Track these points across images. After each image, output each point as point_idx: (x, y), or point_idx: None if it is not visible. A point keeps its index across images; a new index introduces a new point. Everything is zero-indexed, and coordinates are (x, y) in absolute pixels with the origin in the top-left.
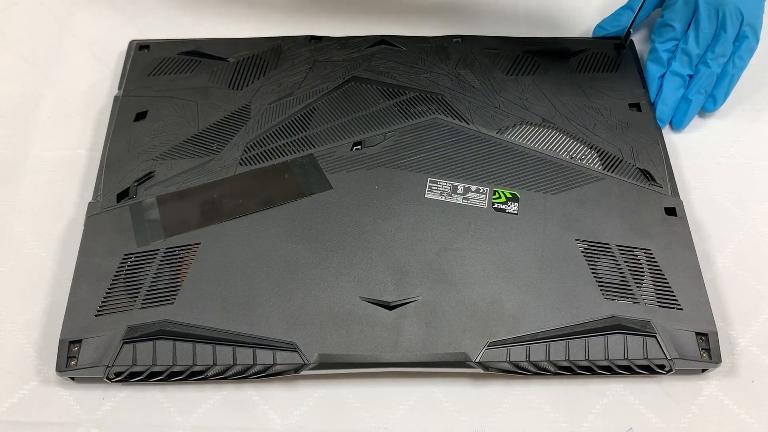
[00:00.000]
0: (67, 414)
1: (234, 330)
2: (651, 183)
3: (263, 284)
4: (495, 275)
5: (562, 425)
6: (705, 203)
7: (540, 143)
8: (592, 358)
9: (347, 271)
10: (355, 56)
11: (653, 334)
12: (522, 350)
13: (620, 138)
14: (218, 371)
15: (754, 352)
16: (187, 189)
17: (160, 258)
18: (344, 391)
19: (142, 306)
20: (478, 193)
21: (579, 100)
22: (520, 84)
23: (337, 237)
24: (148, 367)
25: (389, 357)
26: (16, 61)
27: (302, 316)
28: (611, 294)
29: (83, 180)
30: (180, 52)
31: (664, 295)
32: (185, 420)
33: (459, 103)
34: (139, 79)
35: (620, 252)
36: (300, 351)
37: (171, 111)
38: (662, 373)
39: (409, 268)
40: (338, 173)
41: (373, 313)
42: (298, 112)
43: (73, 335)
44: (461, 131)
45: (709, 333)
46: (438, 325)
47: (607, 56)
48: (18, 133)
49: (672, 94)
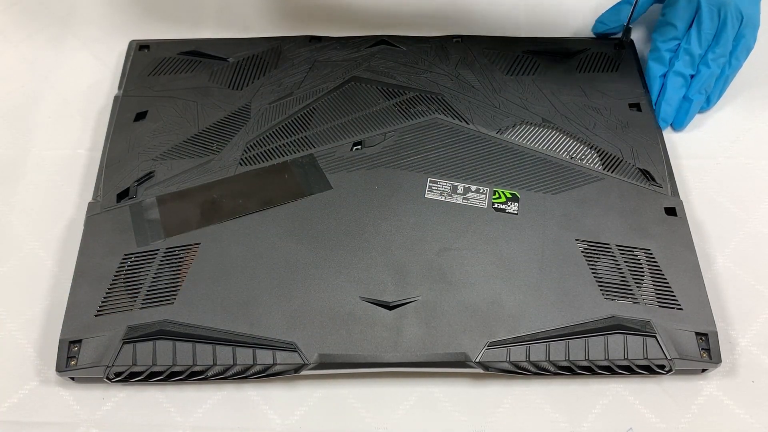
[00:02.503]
0: (67, 414)
1: (234, 330)
2: (651, 183)
3: (263, 284)
4: (495, 275)
5: (562, 425)
6: (705, 203)
7: (540, 143)
8: (592, 358)
9: (347, 271)
10: (355, 56)
11: (653, 334)
12: (522, 350)
13: (620, 138)
14: (218, 371)
15: (754, 352)
16: (187, 189)
17: (160, 258)
18: (344, 391)
19: (142, 306)
20: (478, 193)
21: (579, 100)
22: (520, 84)
23: (337, 237)
24: (148, 367)
25: (389, 357)
26: (16, 61)
27: (302, 316)
28: (611, 294)
29: (83, 180)
30: (180, 52)
31: (664, 295)
32: (185, 420)
33: (459, 103)
34: (139, 79)
35: (620, 252)
36: (300, 351)
37: (171, 111)
38: (662, 373)
39: (409, 268)
40: (338, 173)
41: (373, 313)
42: (298, 112)
43: (73, 335)
44: (461, 131)
45: (709, 333)
46: (438, 325)
47: (607, 56)
48: (18, 133)
49: (675, 94)
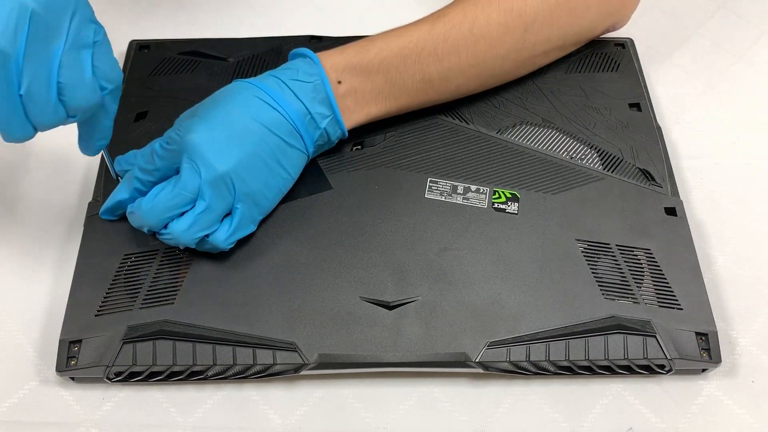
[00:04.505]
0: (67, 414)
1: (234, 330)
2: (651, 183)
3: (263, 284)
4: (495, 275)
5: (562, 425)
6: (705, 203)
7: (540, 143)
8: (592, 358)
9: (347, 271)
10: None
11: (653, 334)
12: (522, 350)
13: (620, 138)
14: (218, 371)
15: (754, 352)
16: None
17: (160, 258)
18: (344, 391)
19: (142, 306)
20: (478, 193)
21: (579, 100)
22: (520, 84)
23: (337, 237)
24: (148, 367)
25: (389, 357)
26: None
27: (302, 316)
28: (611, 294)
29: (83, 180)
30: (180, 52)
31: (664, 295)
32: (185, 420)
33: (459, 103)
34: (139, 79)
35: (620, 252)
36: (300, 351)
37: (171, 111)
38: (662, 373)
39: (409, 268)
40: (338, 173)
41: (373, 313)
42: None
43: (73, 335)
44: (461, 131)
45: (709, 333)
46: (438, 325)
47: (607, 56)
48: None
49: None
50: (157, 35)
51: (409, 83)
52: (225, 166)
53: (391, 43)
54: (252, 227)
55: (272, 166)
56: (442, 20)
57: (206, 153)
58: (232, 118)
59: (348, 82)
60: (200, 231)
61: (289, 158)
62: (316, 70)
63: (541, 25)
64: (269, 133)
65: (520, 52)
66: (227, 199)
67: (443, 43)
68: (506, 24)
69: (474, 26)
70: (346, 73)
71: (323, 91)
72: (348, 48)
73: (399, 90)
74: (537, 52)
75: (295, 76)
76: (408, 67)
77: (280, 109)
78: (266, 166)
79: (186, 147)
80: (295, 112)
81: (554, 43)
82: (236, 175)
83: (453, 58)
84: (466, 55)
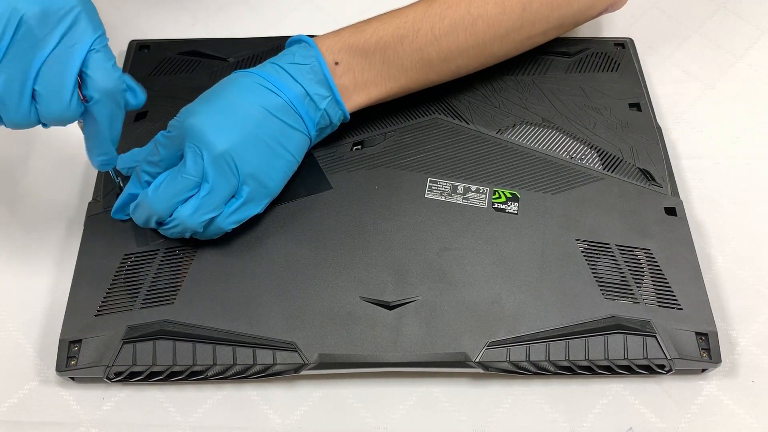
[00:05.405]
0: (67, 414)
1: (234, 330)
2: (651, 183)
3: (263, 284)
4: (495, 275)
5: (562, 425)
6: (705, 203)
7: (540, 143)
8: (592, 358)
9: (347, 271)
10: None
11: (653, 334)
12: (522, 350)
13: (620, 138)
14: (218, 371)
15: (754, 352)
16: None
17: (160, 258)
18: (344, 391)
19: (142, 306)
20: (478, 193)
21: (579, 100)
22: (520, 84)
23: (337, 237)
24: (148, 367)
25: (389, 357)
26: None
27: (302, 316)
28: (611, 294)
29: (83, 180)
30: (180, 52)
31: (664, 295)
32: (185, 420)
33: (459, 103)
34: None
35: (620, 252)
36: (300, 351)
37: (171, 111)
38: (662, 373)
39: (409, 268)
40: (338, 173)
41: (373, 313)
42: None
43: (73, 335)
44: (461, 131)
45: (709, 333)
46: (438, 325)
47: (607, 56)
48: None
49: None
50: (157, 35)
51: (407, 64)
52: (225, 144)
53: (387, 23)
54: (258, 208)
55: (274, 147)
56: (438, 1)
57: (207, 134)
58: (232, 103)
59: (345, 62)
60: (206, 214)
61: (291, 140)
62: (312, 53)
63: (539, 4)
64: (269, 116)
65: (519, 31)
66: (231, 181)
67: (440, 22)
68: (503, 3)
69: (471, 6)
70: (342, 54)
71: (320, 71)
72: (343, 30)
73: (398, 70)
74: (536, 31)
75: (292, 60)
76: (405, 47)
77: (279, 93)
78: (268, 147)
79: (187, 131)
80: (294, 95)
81: (553, 22)
82: (237, 154)
83: (451, 38)
84: (464, 35)
